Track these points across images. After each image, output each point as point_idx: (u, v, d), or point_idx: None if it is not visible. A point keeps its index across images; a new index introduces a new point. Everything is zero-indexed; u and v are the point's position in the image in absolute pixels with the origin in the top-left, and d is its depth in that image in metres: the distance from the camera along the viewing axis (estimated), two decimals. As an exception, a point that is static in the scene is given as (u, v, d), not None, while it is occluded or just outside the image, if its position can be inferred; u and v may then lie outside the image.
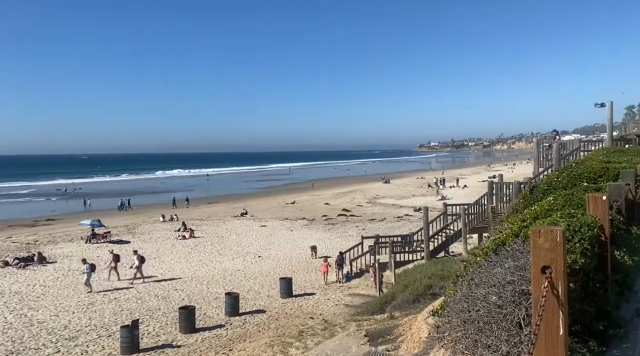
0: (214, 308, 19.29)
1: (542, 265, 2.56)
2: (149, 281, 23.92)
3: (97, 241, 33.48)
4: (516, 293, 3.08)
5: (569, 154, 21.91)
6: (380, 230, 33.98)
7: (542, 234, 2.55)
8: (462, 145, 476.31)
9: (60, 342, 15.95)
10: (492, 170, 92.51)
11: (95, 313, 19.04)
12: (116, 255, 25.00)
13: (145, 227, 40.16)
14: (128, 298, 21.13)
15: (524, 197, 9.61)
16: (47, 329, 17.15)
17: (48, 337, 16.37)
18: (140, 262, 24.14)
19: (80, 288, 22.68)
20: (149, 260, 28.51)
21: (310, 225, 40.54)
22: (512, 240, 3.76)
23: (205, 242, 33.80)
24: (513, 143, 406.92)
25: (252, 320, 17.85)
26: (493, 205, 22.12)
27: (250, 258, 28.64)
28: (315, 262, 27.49)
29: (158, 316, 18.57)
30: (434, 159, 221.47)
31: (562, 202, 5.66)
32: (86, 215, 45.59)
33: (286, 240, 34.07)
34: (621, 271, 4.27)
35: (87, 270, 22.33)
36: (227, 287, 22.16)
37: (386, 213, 46.42)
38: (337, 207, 51.23)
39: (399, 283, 18.24)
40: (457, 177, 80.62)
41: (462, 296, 3.60)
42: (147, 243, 33.39)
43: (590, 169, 8.52)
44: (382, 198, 58.75)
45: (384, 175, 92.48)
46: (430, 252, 23.78)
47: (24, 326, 17.48)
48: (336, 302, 19.95)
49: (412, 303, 15.44)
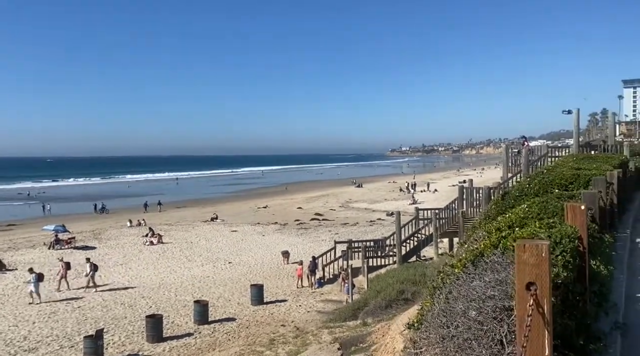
0: (183, 317, 18.80)
1: (527, 282, 2.42)
2: (104, 289, 22.95)
3: (61, 247, 32.37)
4: (497, 308, 2.94)
5: (537, 160, 22.31)
6: (353, 235, 33.94)
7: (527, 249, 2.42)
8: (433, 150, 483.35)
9: (20, 354, 15.27)
10: (461, 175, 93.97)
11: (57, 322, 18.31)
12: (66, 262, 23.99)
13: (111, 233, 39.10)
14: (93, 306, 20.41)
15: (496, 203, 9.59)
16: (5, 340, 16.38)
17: (6, 349, 15.63)
18: (92, 270, 23.17)
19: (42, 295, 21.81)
20: (114, 266, 27.76)
21: (283, 229, 40.21)
22: (491, 251, 3.63)
23: (174, 247, 33.09)
24: (481, 149, 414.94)
25: (221, 329, 17.45)
26: (463, 210, 22.30)
27: (220, 265, 28.14)
28: (287, 267, 27.20)
29: (124, 325, 17.98)
30: (406, 163, 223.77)
31: (537, 209, 5.61)
32: (48, 221, 44.05)
33: (258, 245, 33.65)
34: (598, 282, 4.21)
35: (33, 279, 20.99)
36: (196, 295, 21.66)
37: (359, 217, 46.46)
38: (310, 211, 51.03)
39: (372, 289, 18.16)
40: (427, 182, 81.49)
41: (440, 311, 3.44)
42: (113, 249, 32.47)
43: (561, 176, 8.56)
44: (355, 203, 58.85)
45: (355, 179, 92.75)
46: (403, 257, 23.82)
47: (-20, 337, 16.66)
48: (308, 309, 19.72)
49: (385, 309, 15.36)
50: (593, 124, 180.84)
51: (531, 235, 3.53)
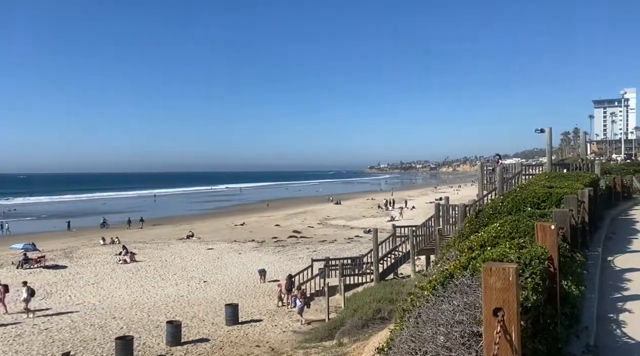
0: (155, 338, 18.26)
1: (494, 307, 2.33)
2: (42, 314, 21.54)
3: (30, 266, 31.35)
4: (466, 334, 2.83)
5: (511, 178, 22.60)
6: (331, 252, 33.73)
7: (494, 272, 2.33)
8: (410, 167, 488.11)
9: (-20, 380, 14.55)
10: (438, 192, 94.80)
11: (22, 345, 17.58)
12: (4, 285, 22.97)
13: (84, 251, 38.09)
14: (61, 327, 19.70)
15: (470, 222, 9.59)
16: (-34, 365, 15.64)
17: (-34, 375, 14.90)
18: (28, 294, 22.01)
19: (8, 318, 21.02)
20: (85, 286, 26.97)
21: (260, 247, 39.76)
22: (460, 272, 3.54)
23: (148, 266, 32.35)
24: (458, 166, 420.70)
25: (194, 350, 16.99)
26: (440, 227, 22.38)
27: (195, 283, 27.56)
28: (263, 286, 26.80)
29: (93, 347, 17.36)
30: (384, 180, 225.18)
31: (508, 228, 5.57)
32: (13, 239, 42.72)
33: (234, 263, 33.13)
34: (569, 303, 4.15)
35: None
36: (169, 315, 21.12)
37: (337, 234, 46.29)
38: (287, 228, 50.67)
39: (348, 308, 17.96)
40: (405, 199, 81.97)
41: (409, 336, 3.32)
42: (84, 268, 31.59)
43: (533, 194, 8.61)
44: (333, 220, 58.71)
45: (332, 197, 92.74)
46: (380, 274, 23.71)
47: (-61, 363, 15.89)
48: (284, 329, 19.37)
49: (361, 328, 15.18)
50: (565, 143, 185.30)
51: (501, 257, 3.45)
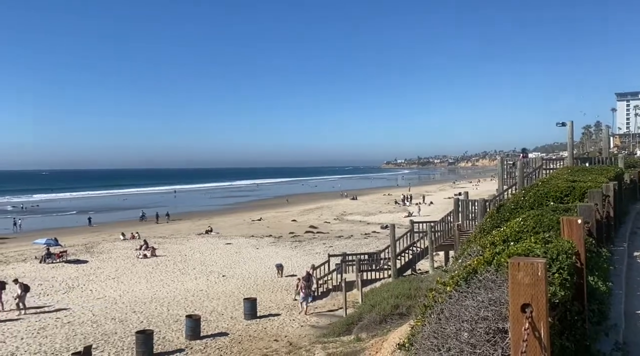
0: (174, 332, 18.45)
1: (522, 303, 2.25)
2: (39, 311, 21.40)
3: (53, 261, 31.93)
4: (491, 330, 2.76)
5: (531, 172, 22.25)
6: (348, 248, 33.69)
7: (522, 267, 2.25)
8: (428, 162, 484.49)
9: (5, 372, 14.87)
10: (457, 187, 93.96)
11: (46, 338, 17.92)
12: (1, 282, 22.83)
13: (104, 246, 38.67)
14: (82, 321, 20.03)
15: (491, 216, 9.45)
16: (-8, 357, 15.99)
17: (-8, 366, 15.25)
18: (23, 291, 21.83)
19: (31, 310, 21.43)
20: (106, 280, 27.37)
21: (277, 242, 39.89)
22: (484, 268, 3.45)
23: (167, 260, 32.70)
24: (477, 161, 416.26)
25: (213, 344, 17.11)
26: (459, 222, 22.15)
27: (214, 278, 27.79)
28: (281, 281, 26.89)
29: (114, 341, 17.61)
30: (401, 176, 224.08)
31: (532, 223, 5.45)
32: (32, 235, 43.56)
33: (252, 258, 33.31)
34: (596, 299, 4.03)
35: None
36: (188, 309, 21.31)
37: (353, 230, 46.20)
38: (304, 223, 50.74)
39: (366, 303, 17.89)
40: (423, 194, 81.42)
41: (431, 332, 3.26)
42: (105, 263, 32.07)
43: (556, 188, 8.43)
44: (350, 215, 58.61)
45: (345, 192, 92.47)
46: (398, 270, 23.58)
47: (-34, 354, 16.28)
48: (301, 323, 19.41)
49: (379, 323, 15.10)
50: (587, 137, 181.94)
51: (526, 251, 3.36)
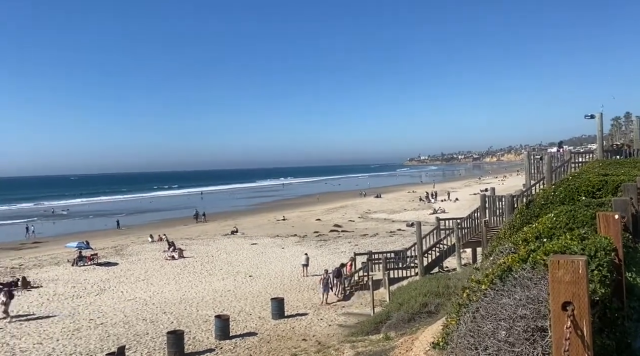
0: (204, 332, 18.70)
1: (563, 301, 2.23)
2: (21, 320, 21.16)
3: (84, 263, 32.71)
4: (530, 329, 2.74)
5: (560, 166, 21.80)
6: (373, 246, 33.60)
7: (562, 265, 2.23)
8: (452, 158, 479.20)
9: (43, 372, 15.29)
10: (483, 183, 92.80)
11: (80, 339, 18.37)
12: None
13: (133, 248, 39.42)
14: (115, 322, 20.47)
15: (521, 212, 9.31)
16: (30, 358, 16.47)
17: (30, 367, 15.70)
18: (7, 298, 21.66)
19: (65, 312, 21.99)
20: (136, 282, 27.89)
21: (302, 241, 40.03)
22: (520, 265, 3.42)
23: (195, 261, 33.16)
24: (502, 156, 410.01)
25: (243, 344, 17.29)
26: (486, 219, 21.86)
27: (240, 278, 28.06)
28: (307, 280, 26.99)
29: (145, 341, 17.95)
30: (425, 173, 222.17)
31: (565, 219, 5.36)
32: (67, 239, 44.65)
33: (277, 257, 33.52)
34: (635, 295, 3.94)
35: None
36: (217, 309, 21.58)
37: (378, 228, 46.04)
38: (328, 222, 50.79)
39: (394, 301, 17.82)
40: (448, 191, 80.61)
41: (467, 331, 3.24)
42: (135, 265, 32.70)
43: (587, 182, 8.25)
44: (374, 213, 58.42)
45: (364, 191, 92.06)
46: (425, 268, 23.41)
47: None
48: (329, 322, 19.45)
49: (408, 322, 15.03)
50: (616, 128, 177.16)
51: (563, 249, 3.32)
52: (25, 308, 23.00)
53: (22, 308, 22.87)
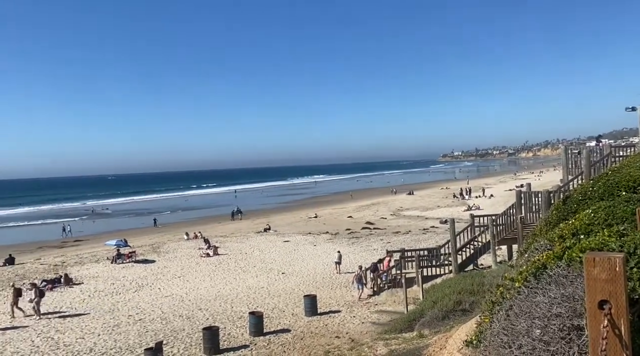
0: (238, 328, 18.98)
1: (600, 300, 2.18)
2: (52, 317, 21.66)
3: (123, 261, 33.64)
4: (565, 327, 2.69)
5: (599, 161, 21.09)
6: (406, 243, 33.34)
7: (598, 263, 2.18)
8: (487, 154, 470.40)
9: (85, 366, 15.83)
10: (518, 179, 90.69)
11: (120, 335, 18.92)
12: (17, 289, 22.84)
13: (170, 246, 40.30)
14: (153, 318, 21.00)
15: (557, 209, 9.08)
16: (73, 352, 17.06)
17: (73, 360, 16.27)
18: (38, 296, 21.87)
19: (105, 308, 22.69)
20: (173, 279, 28.52)
21: (334, 239, 40.08)
22: (555, 263, 3.35)
23: (229, 259, 33.66)
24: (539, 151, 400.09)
25: (276, 340, 17.46)
26: (522, 215, 21.39)
27: (274, 275, 28.33)
28: (339, 277, 27.03)
29: (182, 337, 18.34)
30: (458, 169, 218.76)
31: (603, 215, 5.20)
32: (106, 237, 46.00)
33: (310, 255, 33.68)
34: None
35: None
36: (251, 306, 21.87)
37: (411, 225, 45.65)
38: (360, 219, 50.67)
39: (427, 299, 17.65)
40: (482, 187, 79.17)
41: (500, 329, 3.20)
42: (171, 262, 33.43)
43: (628, 177, 7.97)
44: (407, 210, 57.93)
45: (394, 188, 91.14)
46: (459, 265, 23.09)
47: (51, 349, 17.45)
48: (362, 320, 19.42)
49: (442, 320, 14.86)
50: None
51: (600, 246, 3.23)
52: (67, 304, 23.85)
53: (65, 304, 23.73)
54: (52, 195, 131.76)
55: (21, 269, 32.79)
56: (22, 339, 18.70)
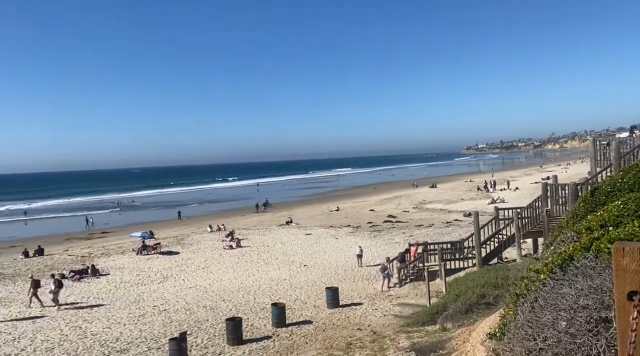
0: (261, 319, 19.15)
1: (629, 291, 2.09)
2: (69, 308, 22.05)
3: (148, 252, 34.23)
4: (592, 320, 2.61)
5: (629, 152, 20.51)
6: (428, 237, 33.08)
7: (627, 253, 2.09)
8: (512, 146, 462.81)
9: (112, 354, 16.18)
10: (544, 171, 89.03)
11: (145, 325, 19.29)
12: (36, 280, 23.28)
13: (193, 238, 40.84)
14: (177, 309, 21.33)
15: (585, 200, 8.86)
16: (100, 341, 17.47)
17: (100, 349, 16.66)
18: (57, 287, 22.24)
19: (131, 299, 23.14)
20: (196, 270, 28.92)
21: (356, 232, 40.03)
22: (582, 254, 3.26)
23: (252, 251, 33.94)
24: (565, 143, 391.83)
25: (299, 331, 17.56)
26: (548, 208, 20.98)
27: (295, 267, 28.47)
28: (361, 270, 27.00)
29: (206, 327, 18.60)
30: (483, 161, 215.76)
31: (633, 206, 5.04)
32: (132, 229, 46.84)
33: (331, 248, 33.72)
34: None
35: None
36: (273, 297, 22.03)
37: (434, 218, 45.26)
38: (382, 213, 50.47)
39: (451, 293, 17.50)
40: (507, 179, 77.95)
41: (525, 321, 3.13)
42: (195, 254, 33.88)
43: (660, 168, 7.71)
44: (430, 203, 57.44)
45: (415, 181, 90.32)
46: (483, 259, 22.80)
47: (79, 338, 17.90)
48: (384, 312, 19.38)
49: (465, 313, 14.72)
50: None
51: (629, 236, 3.13)
52: (94, 294, 24.41)
53: (92, 295, 24.30)
54: (80, 188, 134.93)
55: (50, 260, 33.69)
56: (52, 328, 19.23)
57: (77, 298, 23.63)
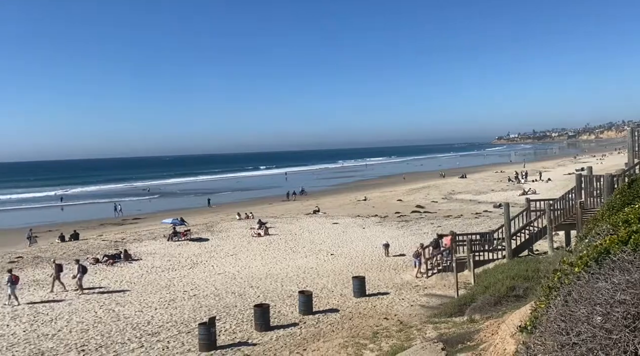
0: (288, 306, 19.34)
1: (670, 286, 2.02)
2: (92, 293, 22.42)
3: (179, 239, 34.91)
4: (630, 315, 2.53)
5: (670, 143, 19.75)
6: (457, 227, 32.69)
7: (670, 247, 2.02)
8: (545, 136, 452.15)
9: (144, 337, 16.63)
10: (578, 162, 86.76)
11: (175, 309, 19.73)
12: (58, 265, 23.49)
13: (222, 225, 41.42)
14: (206, 294, 21.74)
15: (622, 192, 8.60)
16: (132, 324, 17.97)
17: (133, 332, 17.14)
18: (81, 272, 22.57)
19: (162, 284, 23.68)
20: (225, 257, 29.36)
21: (383, 222, 39.88)
22: (619, 247, 3.16)
23: (279, 239, 34.23)
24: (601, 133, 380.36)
25: (325, 319, 17.67)
26: (582, 200, 20.45)
27: (322, 256, 28.59)
28: (388, 260, 26.92)
29: (234, 313, 18.90)
30: (514, 151, 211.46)
31: (674, 199, 4.85)
32: (163, 215, 47.78)
33: (358, 237, 33.70)
34: None
35: (7, 282, 20.99)
36: (300, 285, 22.20)
37: (463, 209, 44.68)
38: (410, 203, 50.10)
39: (479, 284, 17.31)
40: (539, 170, 76.27)
41: (557, 314, 3.06)
42: (224, 241, 34.38)
43: None
44: (459, 194, 56.70)
45: (443, 172, 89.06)
46: (513, 251, 22.43)
47: (112, 321, 18.46)
48: (411, 303, 19.30)
49: (494, 305, 14.55)
50: None
51: (671, 230, 3.01)
52: (127, 278, 25.08)
53: (125, 279, 24.97)
54: (113, 175, 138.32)
55: (85, 244, 34.75)
56: (87, 310, 19.88)
57: (109, 282, 24.32)
